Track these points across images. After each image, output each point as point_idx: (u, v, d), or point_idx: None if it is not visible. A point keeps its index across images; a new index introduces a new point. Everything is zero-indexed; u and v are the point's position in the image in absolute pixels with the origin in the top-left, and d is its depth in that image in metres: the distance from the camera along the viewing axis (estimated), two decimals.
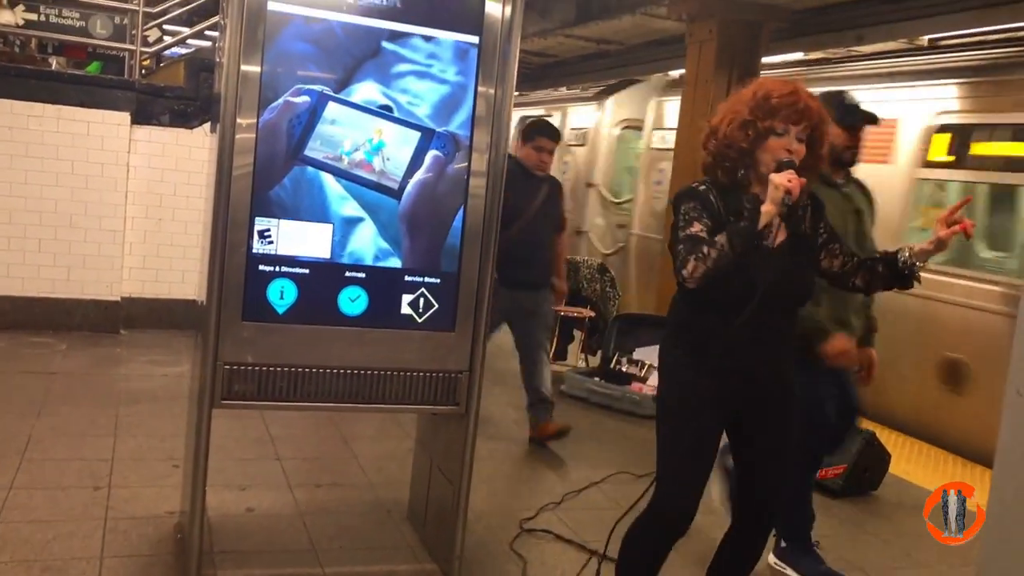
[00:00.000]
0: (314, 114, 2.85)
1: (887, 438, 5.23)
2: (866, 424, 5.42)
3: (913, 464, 5.30)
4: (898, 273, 2.61)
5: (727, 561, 2.88)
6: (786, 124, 2.48)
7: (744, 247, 2.40)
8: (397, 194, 2.96)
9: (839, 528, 4.21)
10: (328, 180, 2.89)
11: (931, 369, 5.89)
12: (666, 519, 2.65)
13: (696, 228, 2.47)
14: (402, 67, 2.91)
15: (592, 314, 6.80)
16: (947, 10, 6.08)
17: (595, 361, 6.56)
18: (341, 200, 2.91)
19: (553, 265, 5.22)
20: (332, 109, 2.86)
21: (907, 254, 2.59)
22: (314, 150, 2.86)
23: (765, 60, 6.90)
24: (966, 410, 5.63)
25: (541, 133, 5.01)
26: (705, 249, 2.40)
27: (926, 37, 6.84)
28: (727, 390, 2.60)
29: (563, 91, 12.28)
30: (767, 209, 2.41)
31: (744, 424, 2.70)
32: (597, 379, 6.06)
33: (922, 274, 2.63)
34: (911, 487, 4.87)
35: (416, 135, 2.95)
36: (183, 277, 6.47)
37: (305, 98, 2.83)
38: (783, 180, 2.38)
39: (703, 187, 2.57)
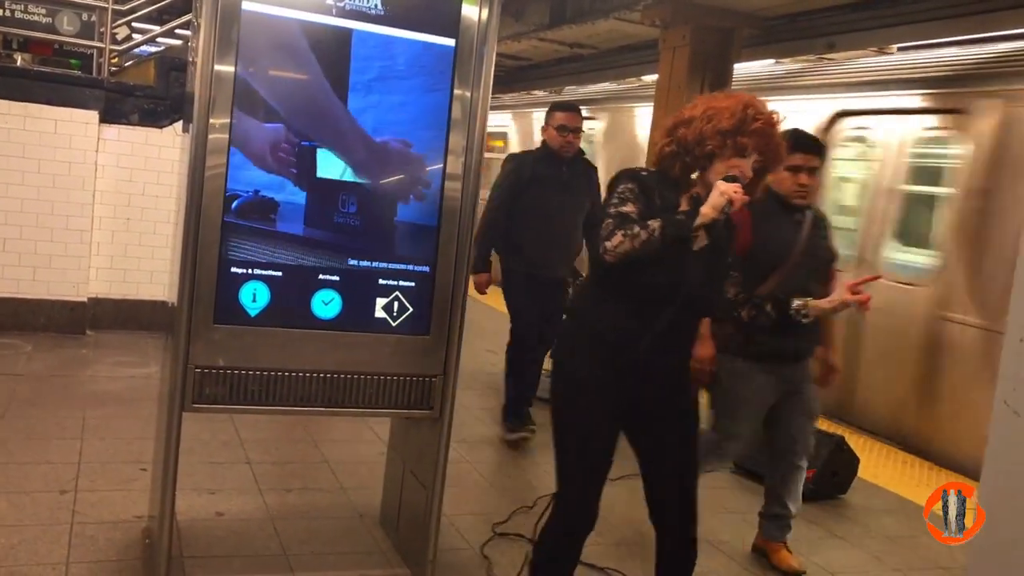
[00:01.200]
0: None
1: (856, 442, 5.28)
2: (834, 427, 5.48)
3: (882, 468, 5.36)
4: (785, 319, 2.74)
5: None
6: (754, 149, 2.50)
7: (674, 239, 2.40)
8: (372, 196, 2.95)
9: (808, 531, 4.25)
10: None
11: None
12: (562, 518, 2.64)
13: (630, 208, 2.47)
14: (377, 70, 2.90)
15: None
16: (918, 19, 6.17)
17: None
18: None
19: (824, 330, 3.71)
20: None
21: (803, 307, 2.76)
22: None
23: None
24: None
25: (801, 147, 3.52)
26: (635, 229, 2.40)
27: (896, 46, 6.93)
28: (621, 387, 2.57)
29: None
30: (706, 211, 2.41)
31: (642, 432, 2.69)
32: None
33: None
34: (880, 491, 4.93)
35: (392, 139, 2.94)
36: (151, 278, 6.40)
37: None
38: (730, 189, 2.40)
39: (647, 175, 2.57)
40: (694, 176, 2.56)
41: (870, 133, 6.48)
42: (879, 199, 6.33)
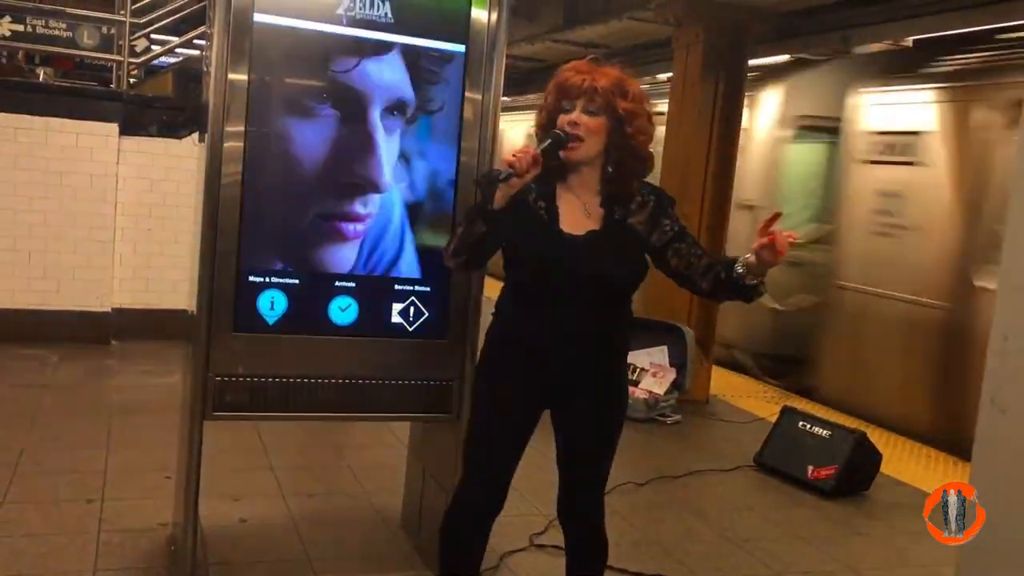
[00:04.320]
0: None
1: (878, 438, 5.25)
2: (857, 424, 5.45)
3: (905, 463, 5.32)
4: (733, 283, 2.40)
5: None
6: (571, 99, 2.39)
7: (478, 219, 2.33)
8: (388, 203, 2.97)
9: (832, 529, 4.23)
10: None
11: None
12: (462, 501, 2.58)
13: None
14: (390, 77, 2.92)
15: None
16: (933, 11, 6.12)
17: None
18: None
19: None
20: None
21: (742, 265, 2.37)
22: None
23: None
24: None
25: None
26: (456, 229, 2.46)
27: (911, 38, 6.88)
28: (526, 375, 2.49)
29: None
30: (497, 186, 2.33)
31: (559, 417, 2.60)
32: None
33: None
34: (903, 486, 4.89)
35: (402, 144, 2.96)
36: (173, 287, 6.45)
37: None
38: (509, 155, 2.27)
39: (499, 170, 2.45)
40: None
41: None
42: None
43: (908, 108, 6.35)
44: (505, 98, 3.14)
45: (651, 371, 5.96)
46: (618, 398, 2.62)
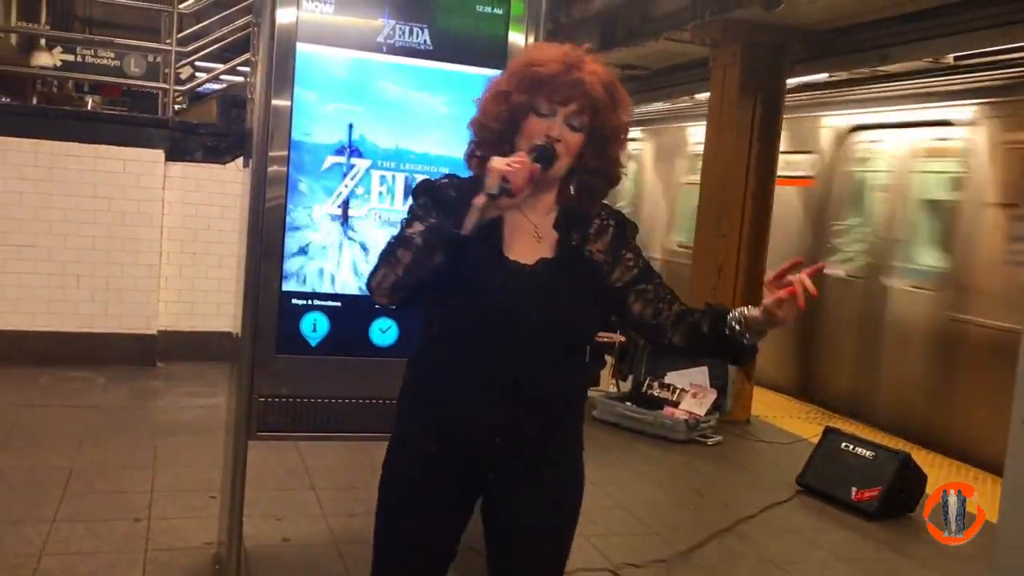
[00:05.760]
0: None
1: (923, 459, 5.18)
2: (901, 445, 5.37)
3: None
4: (723, 339, 1.83)
5: None
6: (551, 103, 1.83)
7: (443, 243, 1.76)
8: None
9: (876, 551, 4.17)
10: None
11: None
12: None
13: (413, 229, 1.81)
14: (426, 105, 2.97)
15: (623, 339, 6.80)
16: (973, 27, 6.06)
17: (626, 386, 6.55)
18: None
19: None
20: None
21: (737, 321, 1.82)
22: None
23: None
24: None
25: None
26: (398, 252, 1.78)
27: (951, 55, 6.81)
28: (449, 452, 1.90)
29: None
30: (476, 201, 1.75)
31: (484, 518, 2.00)
32: (629, 404, 6.04)
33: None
34: None
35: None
36: (218, 310, 6.56)
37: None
38: (501, 163, 1.73)
39: (445, 181, 1.93)
40: None
41: None
42: None
43: None
44: None
45: (691, 392, 5.94)
46: (565, 497, 1.99)
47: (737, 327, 1.81)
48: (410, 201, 1.91)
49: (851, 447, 4.83)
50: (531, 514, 1.94)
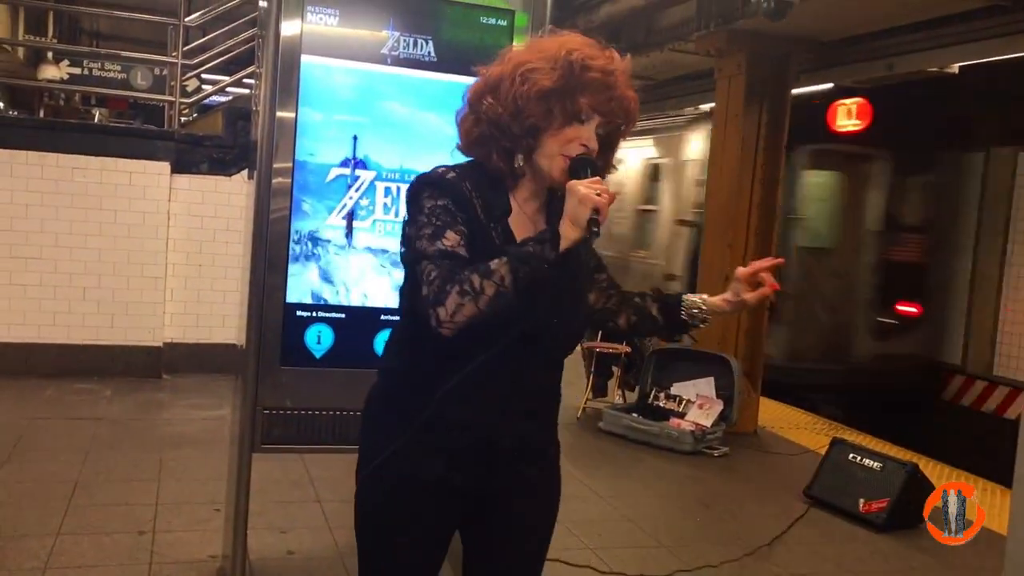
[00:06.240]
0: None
1: (932, 470, 5.14)
2: (909, 456, 5.34)
3: None
4: (676, 322, 1.92)
5: None
6: (592, 110, 1.74)
7: (532, 283, 1.62)
8: None
9: (884, 564, 4.14)
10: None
11: None
12: None
13: (452, 240, 1.67)
14: (431, 123, 2.97)
15: (628, 349, 6.79)
16: (980, 36, 6.06)
17: (633, 397, 6.54)
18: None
19: None
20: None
21: (698, 304, 1.90)
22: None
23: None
24: None
25: None
26: (476, 281, 1.60)
27: (957, 65, 6.81)
28: (457, 470, 1.81)
29: None
30: (568, 232, 1.63)
31: (475, 522, 1.91)
32: (635, 415, 6.03)
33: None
34: None
35: None
36: (223, 321, 6.57)
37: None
38: (591, 193, 1.62)
39: (456, 176, 1.77)
40: (519, 163, 1.77)
41: None
42: None
43: None
44: None
45: (698, 403, 5.92)
46: (556, 496, 2.00)
47: (697, 312, 1.90)
48: (419, 201, 1.73)
49: (859, 458, 4.81)
50: (533, 516, 1.94)
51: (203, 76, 8.54)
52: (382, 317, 3.00)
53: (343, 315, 2.96)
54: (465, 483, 1.82)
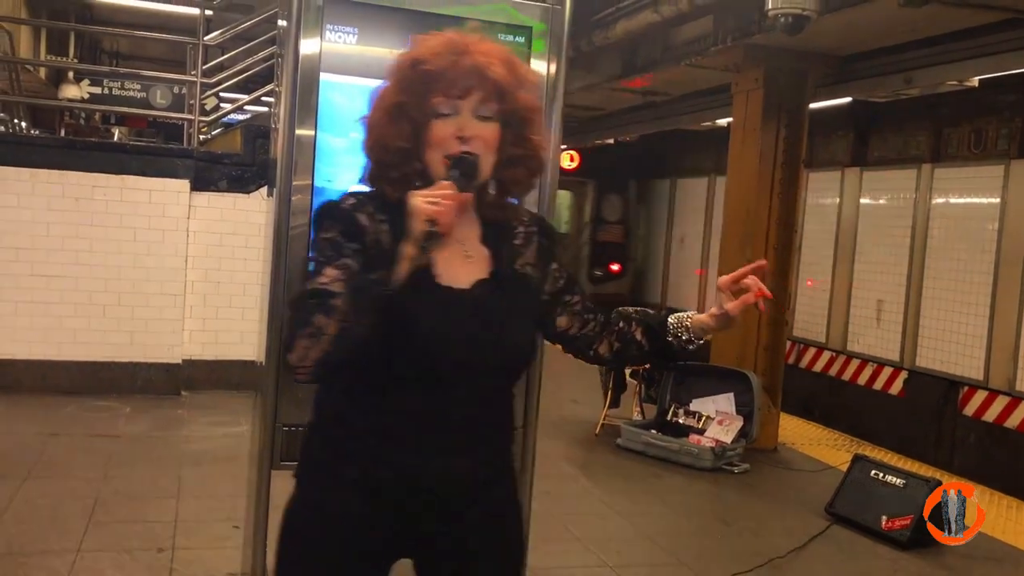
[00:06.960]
0: None
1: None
2: (932, 472, 5.29)
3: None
4: (663, 345, 1.79)
5: None
6: (451, 99, 1.62)
7: (370, 309, 1.51)
8: None
9: None
10: None
11: None
12: None
13: (328, 276, 1.54)
14: None
15: (648, 365, 6.76)
16: (997, 50, 6.04)
17: (651, 413, 6.51)
18: None
19: None
20: None
21: (684, 325, 1.77)
22: None
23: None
24: None
25: None
26: (321, 321, 1.49)
27: (976, 78, 6.79)
28: (378, 508, 1.68)
29: None
30: (408, 250, 1.53)
31: (423, 566, 1.80)
32: (654, 432, 5.99)
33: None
34: (982, 536, 4.70)
35: None
36: (242, 338, 6.58)
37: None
38: (422, 203, 1.52)
39: (352, 201, 1.67)
40: (417, 187, 1.62)
41: None
42: None
43: None
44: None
45: (717, 419, 5.88)
46: (513, 533, 1.85)
47: (683, 335, 1.77)
48: (315, 234, 1.65)
49: (881, 475, 4.76)
50: (486, 560, 1.76)
51: (222, 94, 8.61)
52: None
53: None
54: (386, 521, 1.68)
